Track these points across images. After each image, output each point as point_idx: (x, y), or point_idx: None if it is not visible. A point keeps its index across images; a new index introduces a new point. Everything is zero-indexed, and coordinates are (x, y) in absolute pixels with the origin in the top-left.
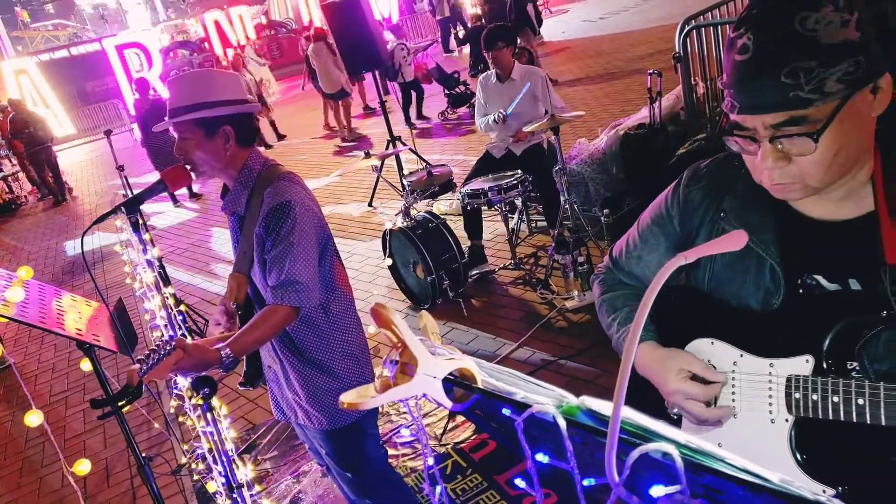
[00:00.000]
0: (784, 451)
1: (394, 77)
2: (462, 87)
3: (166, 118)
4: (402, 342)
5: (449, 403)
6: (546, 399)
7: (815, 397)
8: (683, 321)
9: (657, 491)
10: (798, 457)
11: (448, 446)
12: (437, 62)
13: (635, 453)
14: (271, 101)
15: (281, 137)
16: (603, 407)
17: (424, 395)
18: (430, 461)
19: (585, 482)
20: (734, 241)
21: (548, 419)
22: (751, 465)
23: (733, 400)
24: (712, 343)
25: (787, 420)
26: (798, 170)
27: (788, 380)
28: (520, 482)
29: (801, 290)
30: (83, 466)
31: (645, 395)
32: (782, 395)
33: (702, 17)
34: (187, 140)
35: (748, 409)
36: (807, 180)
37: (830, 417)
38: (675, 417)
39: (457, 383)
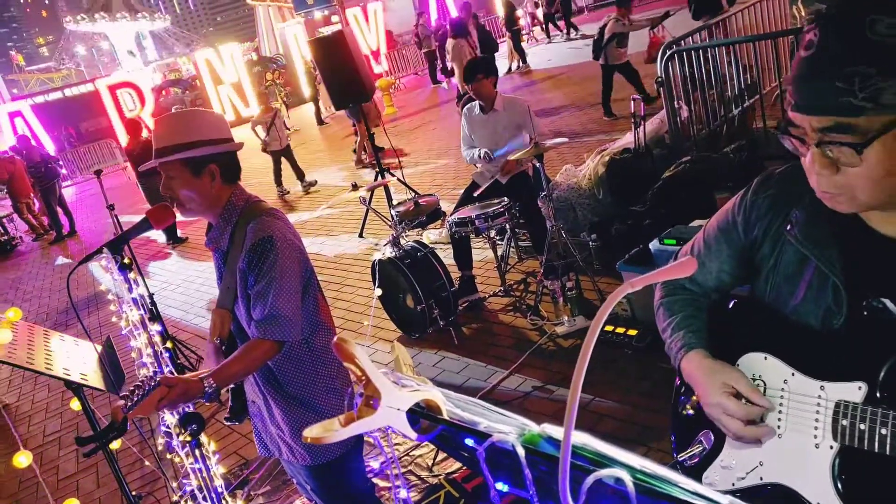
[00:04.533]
0: (825, 479)
1: (597, 57)
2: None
3: (153, 158)
4: (365, 375)
5: (414, 435)
6: (508, 428)
7: (862, 427)
8: (741, 332)
9: None
10: (838, 487)
11: (440, 477)
12: (671, 33)
13: (590, 479)
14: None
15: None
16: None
17: (389, 428)
18: (403, 493)
19: None
20: (685, 267)
21: (509, 448)
22: (703, 489)
23: (780, 419)
24: (765, 358)
25: (831, 447)
26: (846, 181)
27: (837, 405)
28: None
29: (865, 313)
30: None
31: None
32: (829, 420)
33: (682, 41)
34: (174, 179)
35: (794, 429)
36: (856, 193)
37: (876, 450)
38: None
39: (421, 414)
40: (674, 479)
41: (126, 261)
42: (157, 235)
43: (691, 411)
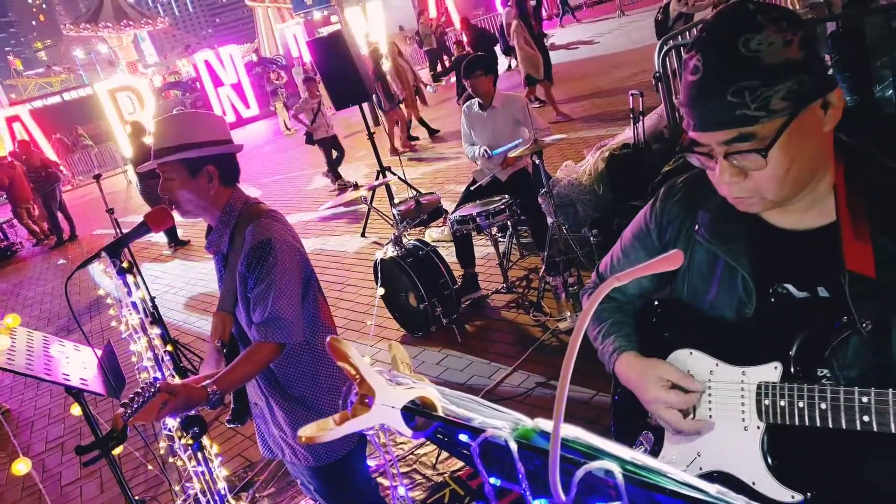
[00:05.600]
0: (757, 458)
1: (663, 31)
2: None
3: (152, 159)
4: (359, 374)
5: (409, 432)
6: (502, 423)
7: (782, 403)
8: (666, 332)
9: None
10: (769, 462)
11: (445, 475)
12: None
13: (580, 472)
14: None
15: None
16: None
17: (384, 426)
18: (402, 491)
19: (536, 503)
20: (672, 260)
21: (502, 443)
22: (691, 478)
23: (710, 408)
24: (691, 353)
25: (758, 427)
26: (754, 184)
27: (759, 387)
28: None
29: (772, 299)
30: None
31: (634, 410)
32: (754, 402)
33: (679, 36)
34: (172, 180)
35: (724, 417)
36: (764, 194)
37: (797, 423)
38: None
39: (415, 412)
40: (664, 470)
41: (125, 265)
42: (159, 238)
43: (630, 414)
